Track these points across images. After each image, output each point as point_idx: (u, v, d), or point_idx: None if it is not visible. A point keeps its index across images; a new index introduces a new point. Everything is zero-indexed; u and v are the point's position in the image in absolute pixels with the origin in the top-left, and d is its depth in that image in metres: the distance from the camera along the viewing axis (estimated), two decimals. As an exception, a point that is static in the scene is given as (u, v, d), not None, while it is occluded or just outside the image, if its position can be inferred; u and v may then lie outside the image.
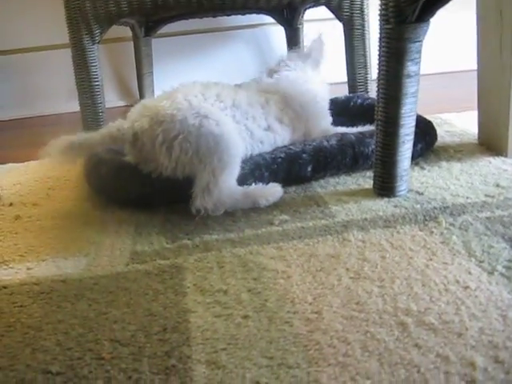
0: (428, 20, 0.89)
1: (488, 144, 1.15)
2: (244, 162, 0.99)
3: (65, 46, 1.89)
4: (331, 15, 1.50)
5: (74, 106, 1.76)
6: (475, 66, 1.17)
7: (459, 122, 1.38)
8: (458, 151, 1.15)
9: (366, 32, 1.47)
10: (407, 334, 0.58)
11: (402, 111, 0.91)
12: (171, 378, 0.55)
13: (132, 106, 1.07)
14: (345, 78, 1.54)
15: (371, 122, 1.18)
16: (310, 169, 1.02)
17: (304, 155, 1.01)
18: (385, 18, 0.90)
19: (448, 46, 2.09)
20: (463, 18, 2.08)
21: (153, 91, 2.01)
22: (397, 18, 0.88)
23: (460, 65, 2.12)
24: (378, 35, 0.92)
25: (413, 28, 0.88)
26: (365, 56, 1.48)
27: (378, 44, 0.93)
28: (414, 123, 0.94)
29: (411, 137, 0.94)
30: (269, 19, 2.06)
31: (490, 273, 0.68)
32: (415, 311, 0.62)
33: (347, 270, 0.72)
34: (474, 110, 1.21)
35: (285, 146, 1.04)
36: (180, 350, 0.59)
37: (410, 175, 0.98)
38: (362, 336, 0.58)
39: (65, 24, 1.40)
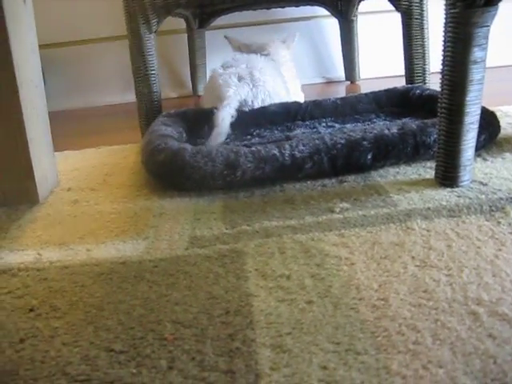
0: (496, 4, 0.86)
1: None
2: (303, 144, 0.98)
3: (119, 38, 1.93)
4: (386, 7, 1.47)
5: (128, 97, 1.78)
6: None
7: (521, 115, 1.33)
8: (522, 143, 1.11)
9: (425, 22, 1.44)
10: (480, 323, 0.56)
11: (468, 98, 0.88)
12: (236, 361, 0.54)
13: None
14: (400, 72, 1.51)
15: (430, 113, 1.15)
16: (370, 156, 0.99)
17: (365, 142, 0.99)
18: (451, 2, 0.87)
19: (506, 38, 2.03)
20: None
21: (206, 83, 2.01)
22: (464, 2, 0.85)
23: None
24: (444, 20, 0.89)
25: (480, 12, 0.85)
26: (423, 47, 1.44)
27: (443, 29, 0.90)
28: (479, 111, 0.90)
29: (476, 125, 0.91)
30: (323, 11, 2.04)
31: None
32: (487, 301, 0.59)
33: (413, 258, 0.70)
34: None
35: (345, 132, 1.02)
36: (244, 333, 0.58)
37: (473, 165, 0.95)
38: (431, 324, 0.56)
39: (119, 16, 1.41)
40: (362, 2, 1.90)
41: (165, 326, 0.61)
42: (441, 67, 0.91)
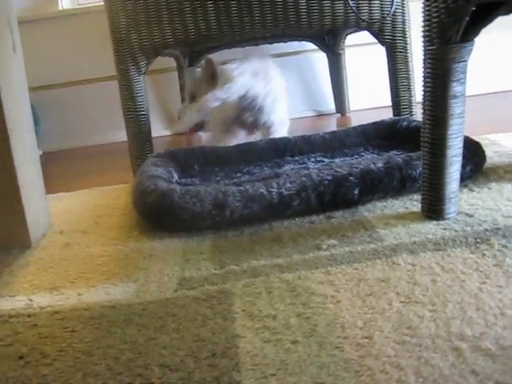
0: (472, 40, 0.88)
1: (539, 164, 1.12)
2: (291, 182, 0.99)
3: (110, 78, 1.96)
4: (373, 40, 1.50)
5: (121, 136, 1.80)
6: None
7: (508, 143, 1.35)
8: (508, 172, 1.12)
9: (409, 55, 1.47)
10: (463, 359, 0.56)
11: (449, 132, 0.90)
12: (221, 404, 0.55)
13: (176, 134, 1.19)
14: (389, 102, 1.54)
15: (418, 145, 1.17)
16: (357, 192, 1.01)
17: (351, 178, 1.01)
18: (428, 39, 0.89)
19: (493, 65, 2.07)
20: (508, 37, 2.07)
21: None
22: (440, 39, 0.87)
23: (505, 85, 2.10)
24: (423, 57, 0.92)
25: (457, 48, 0.87)
26: (408, 79, 1.47)
27: (422, 66, 0.92)
28: (461, 144, 0.92)
29: (459, 158, 0.92)
30: (311, 46, 2.07)
31: (548, 296, 0.66)
32: (470, 336, 0.60)
33: (397, 294, 0.71)
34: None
35: (331, 168, 1.04)
36: (229, 375, 0.59)
37: (458, 197, 0.96)
38: (415, 361, 0.57)
39: (110, 57, 1.44)
40: (349, 36, 1.94)
41: (152, 370, 0.61)
42: (422, 102, 0.93)
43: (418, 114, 1.49)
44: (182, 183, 1.16)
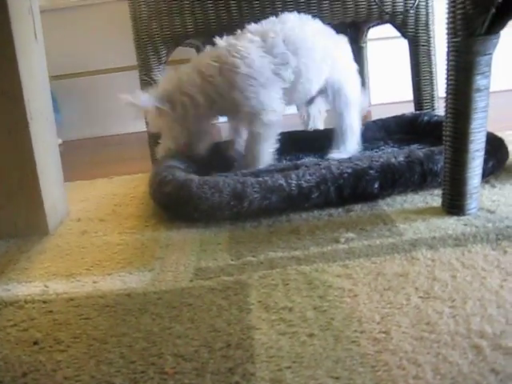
0: (498, 32, 0.86)
1: None
2: (310, 174, 0.98)
3: (128, 68, 1.96)
4: (395, 33, 1.48)
5: (140, 126, 1.80)
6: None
7: (531, 140, 1.33)
8: (531, 169, 1.11)
9: (432, 48, 1.45)
10: (482, 357, 0.55)
11: (472, 126, 0.88)
12: (235, 395, 0.54)
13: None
14: (411, 97, 1.52)
15: (439, 140, 1.15)
16: (377, 185, 0.99)
17: (371, 171, 0.99)
18: (452, 31, 0.88)
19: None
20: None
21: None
22: (465, 31, 0.85)
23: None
24: (446, 49, 0.90)
25: (482, 41, 0.85)
26: (431, 73, 1.45)
27: (445, 58, 0.90)
28: (484, 139, 0.90)
29: (481, 153, 0.91)
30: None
31: None
32: (490, 334, 0.59)
33: (416, 289, 0.69)
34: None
35: (351, 161, 1.02)
36: (244, 366, 0.58)
37: (480, 193, 0.94)
38: (433, 358, 0.56)
39: (129, 46, 1.44)
40: (371, 29, 1.92)
41: (166, 360, 0.61)
42: (444, 96, 0.91)
43: (439, 109, 1.47)
44: (200, 174, 1.15)
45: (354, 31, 1.94)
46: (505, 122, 1.50)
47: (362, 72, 2.00)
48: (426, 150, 1.05)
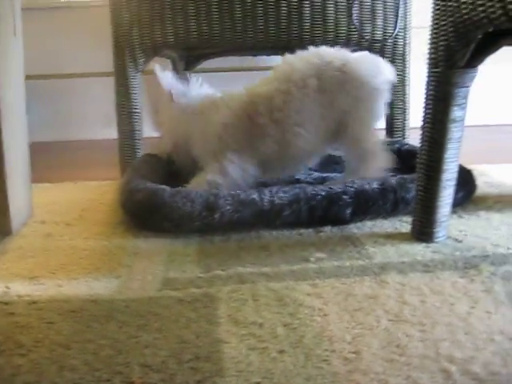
0: (476, 66, 0.88)
1: (528, 197, 1.13)
2: (284, 191, 0.98)
3: (105, 75, 1.94)
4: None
5: (108, 134, 1.78)
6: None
7: (496, 174, 1.36)
8: (497, 202, 1.13)
9: (407, 78, 1.47)
10: (452, 382, 0.55)
11: (446, 156, 0.90)
12: (203, 409, 0.53)
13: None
14: (383, 125, 1.54)
15: (409, 168, 1.17)
16: (349, 211, 1.00)
17: (345, 197, 1.00)
18: (434, 62, 0.89)
19: (483, 98, 2.09)
20: (504, 70, 2.09)
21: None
22: (446, 62, 0.87)
23: (495, 118, 2.12)
24: (426, 79, 0.92)
25: (461, 73, 0.87)
26: (404, 102, 1.48)
27: (424, 88, 0.92)
28: (456, 169, 0.92)
29: (453, 183, 0.92)
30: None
31: (537, 326, 0.65)
32: (459, 359, 0.59)
33: (386, 311, 0.70)
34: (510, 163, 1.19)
35: (326, 185, 1.03)
36: (213, 380, 0.57)
37: (448, 222, 0.96)
38: (403, 380, 0.56)
39: (107, 53, 1.42)
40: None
41: (133, 369, 0.59)
42: (421, 124, 0.93)
43: (409, 139, 1.49)
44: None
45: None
46: (473, 156, 1.53)
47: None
48: (398, 178, 1.06)
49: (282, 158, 1.16)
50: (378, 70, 1.17)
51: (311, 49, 1.20)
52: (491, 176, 1.34)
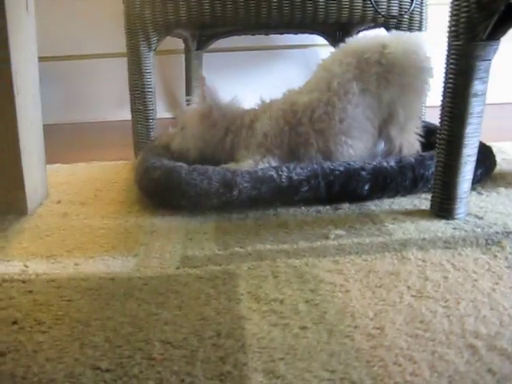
0: (499, 39, 0.86)
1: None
2: (301, 167, 0.97)
3: (118, 55, 1.93)
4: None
5: (122, 115, 1.77)
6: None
7: (515, 151, 1.34)
8: (517, 179, 1.11)
9: (423, 55, 1.44)
10: (478, 357, 0.54)
11: (467, 131, 0.88)
12: (226, 384, 0.52)
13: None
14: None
15: (426, 146, 1.15)
16: (367, 187, 0.99)
17: (363, 172, 0.98)
18: (454, 35, 0.87)
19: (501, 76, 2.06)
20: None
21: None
22: (468, 35, 0.85)
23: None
24: (446, 52, 0.90)
25: (483, 46, 0.85)
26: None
27: (445, 62, 0.90)
28: (477, 144, 0.90)
29: (474, 158, 0.91)
30: (320, 40, 2.05)
31: None
32: (485, 335, 0.58)
33: (408, 288, 0.69)
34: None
35: (345, 161, 1.01)
36: (235, 356, 0.56)
37: (468, 199, 0.94)
38: (429, 356, 0.55)
39: (120, 34, 1.40)
40: (361, 33, 1.91)
41: (153, 346, 0.59)
42: (441, 99, 0.91)
43: (426, 117, 1.47)
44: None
45: (343, 34, 1.94)
46: (492, 133, 1.51)
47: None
48: (417, 155, 1.05)
49: None
50: (416, 48, 1.11)
51: (347, 41, 1.17)
52: (510, 153, 1.32)
